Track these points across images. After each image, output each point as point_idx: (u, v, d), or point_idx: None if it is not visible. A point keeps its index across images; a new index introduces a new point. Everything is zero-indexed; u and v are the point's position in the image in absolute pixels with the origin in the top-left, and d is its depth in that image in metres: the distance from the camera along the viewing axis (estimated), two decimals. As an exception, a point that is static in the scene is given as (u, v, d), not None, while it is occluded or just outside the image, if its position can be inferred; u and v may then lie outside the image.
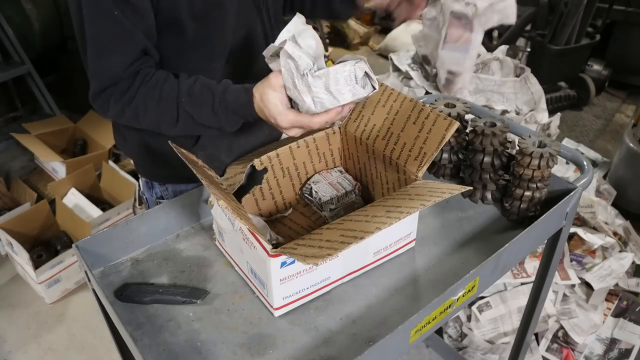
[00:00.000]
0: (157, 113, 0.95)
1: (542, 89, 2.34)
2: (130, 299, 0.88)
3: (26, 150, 2.83)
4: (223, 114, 0.93)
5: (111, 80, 0.94)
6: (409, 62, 2.50)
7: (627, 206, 2.42)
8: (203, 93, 0.93)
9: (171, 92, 0.94)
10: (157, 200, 1.24)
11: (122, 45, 0.92)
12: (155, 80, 0.94)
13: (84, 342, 2.09)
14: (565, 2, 3.08)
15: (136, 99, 0.94)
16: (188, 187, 1.18)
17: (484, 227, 1.04)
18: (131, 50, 0.93)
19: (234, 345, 0.81)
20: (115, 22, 0.90)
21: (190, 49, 1.00)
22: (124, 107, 0.95)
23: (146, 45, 0.94)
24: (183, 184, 1.18)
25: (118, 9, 0.89)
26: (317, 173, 1.09)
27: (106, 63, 0.93)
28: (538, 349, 1.78)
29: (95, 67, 0.94)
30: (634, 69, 3.67)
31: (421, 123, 0.94)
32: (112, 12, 0.89)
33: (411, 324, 0.79)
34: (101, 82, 0.94)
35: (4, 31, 2.88)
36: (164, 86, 0.94)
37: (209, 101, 0.93)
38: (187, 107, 0.94)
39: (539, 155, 0.98)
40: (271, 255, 0.77)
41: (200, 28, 0.97)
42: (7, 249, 2.29)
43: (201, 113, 0.94)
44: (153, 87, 0.94)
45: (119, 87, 0.94)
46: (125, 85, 0.94)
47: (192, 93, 0.93)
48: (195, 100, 0.93)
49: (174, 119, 0.95)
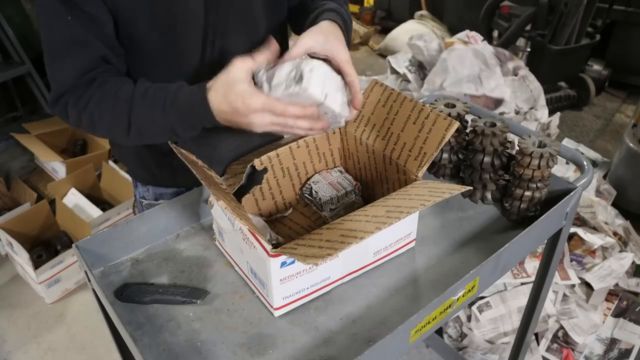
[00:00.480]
0: (110, 119, 0.89)
1: (540, 86, 2.34)
2: (130, 299, 0.88)
3: (26, 150, 2.83)
4: (175, 114, 0.84)
5: (66, 86, 0.89)
6: (406, 65, 2.51)
7: (627, 206, 2.42)
8: (156, 94, 0.86)
9: (125, 96, 0.87)
10: (140, 199, 1.24)
11: (76, 51, 0.88)
12: (112, 84, 0.89)
13: (84, 342, 2.09)
14: (565, 2, 3.08)
15: (90, 104, 0.88)
16: (167, 190, 1.19)
17: (484, 227, 1.04)
18: (85, 56, 0.88)
19: (234, 345, 0.81)
20: (68, 27, 0.86)
21: (155, 64, 0.95)
22: (80, 113, 0.90)
23: (105, 54, 0.90)
24: (162, 187, 1.19)
25: (71, 14, 0.85)
26: (317, 173, 1.09)
27: (60, 69, 0.89)
28: (538, 349, 1.78)
29: (51, 73, 0.91)
30: (634, 69, 3.67)
31: (421, 123, 0.94)
32: (66, 18, 0.85)
33: (411, 324, 0.79)
34: (57, 89, 0.90)
35: (4, 31, 2.88)
36: (119, 91, 0.88)
37: (160, 102, 0.85)
38: (139, 110, 0.86)
39: (539, 155, 0.98)
40: (271, 255, 0.77)
41: (163, 43, 0.92)
42: (7, 249, 2.29)
43: (152, 115, 0.86)
44: (108, 91, 0.88)
45: (75, 93, 0.89)
46: (81, 91, 0.89)
47: (146, 95, 0.86)
48: (147, 101, 0.86)
49: (125, 126, 0.88)
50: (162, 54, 0.94)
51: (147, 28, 0.90)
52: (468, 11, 3.95)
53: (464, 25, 2.57)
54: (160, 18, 0.90)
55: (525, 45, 3.48)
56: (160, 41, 0.92)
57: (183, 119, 0.85)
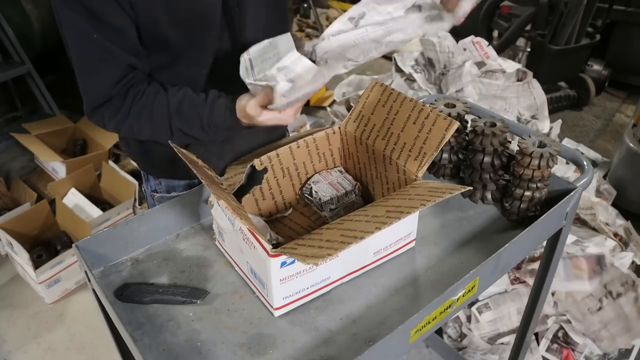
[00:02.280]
0: (152, 130, 1.00)
1: (544, 95, 2.34)
2: (130, 299, 0.88)
3: (26, 150, 2.83)
4: (212, 132, 0.99)
5: (101, 99, 0.97)
6: (412, 64, 2.50)
7: (627, 206, 2.42)
8: (191, 114, 0.97)
9: (162, 110, 0.98)
10: (152, 193, 1.26)
11: (106, 67, 0.94)
12: (146, 98, 0.97)
13: (84, 342, 2.09)
14: (565, 2, 3.08)
15: (129, 118, 0.98)
16: (180, 182, 1.20)
17: (484, 227, 1.04)
18: (115, 69, 0.95)
19: (234, 345, 0.81)
20: (96, 44, 0.92)
21: (178, 59, 1.01)
22: (119, 125, 1.00)
23: (131, 62, 0.96)
24: (176, 179, 1.20)
25: (97, 31, 0.91)
26: (317, 173, 1.09)
27: (93, 83, 0.96)
28: (538, 349, 1.78)
29: (84, 87, 0.97)
30: (634, 69, 3.67)
31: (421, 123, 0.94)
32: (92, 36, 0.91)
33: (411, 324, 0.79)
34: (92, 101, 0.98)
35: (4, 31, 2.88)
36: (154, 105, 0.97)
37: (197, 121, 0.98)
38: (178, 125, 0.98)
39: (539, 155, 0.98)
40: (271, 255, 0.77)
41: (184, 39, 0.98)
42: (7, 249, 2.29)
43: (192, 130, 0.99)
44: (144, 106, 0.97)
45: (111, 105, 0.97)
46: (117, 104, 0.97)
47: (181, 112, 0.97)
48: (184, 119, 0.98)
49: (168, 134, 1.00)
50: (183, 50, 0.99)
51: (167, 28, 0.95)
52: (468, 11, 3.94)
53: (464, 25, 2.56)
54: (178, 17, 0.95)
55: (525, 45, 3.48)
56: (181, 38, 0.97)
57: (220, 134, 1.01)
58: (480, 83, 2.30)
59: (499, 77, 2.36)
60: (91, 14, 0.89)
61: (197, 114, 0.97)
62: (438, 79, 2.42)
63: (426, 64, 2.48)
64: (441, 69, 2.40)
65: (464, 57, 2.40)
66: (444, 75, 2.38)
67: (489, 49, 2.47)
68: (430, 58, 2.42)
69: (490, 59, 2.44)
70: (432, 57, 2.41)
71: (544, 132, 2.29)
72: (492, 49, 2.49)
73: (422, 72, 2.47)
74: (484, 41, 2.49)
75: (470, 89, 2.24)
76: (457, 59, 2.37)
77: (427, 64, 2.46)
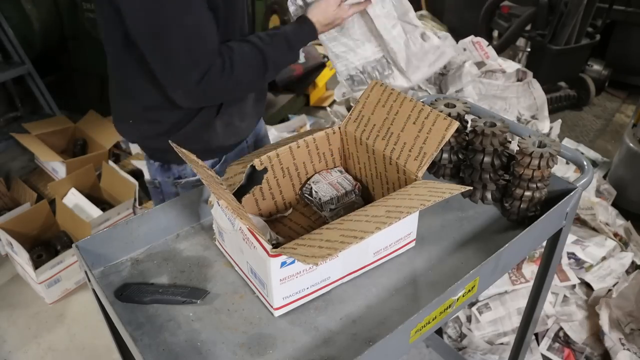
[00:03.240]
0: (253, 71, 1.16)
1: (544, 95, 2.34)
2: (130, 299, 0.88)
3: (26, 150, 2.83)
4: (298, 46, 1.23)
5: (210, 62, 1.08)
6: None
7: (627, 206, 2.42)
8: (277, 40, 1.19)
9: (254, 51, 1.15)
10: (175, 181, 1.28)
11: (212, 27, 1.08)
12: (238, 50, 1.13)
13: (84, 342, 2.09)
14: (565, 2, 3.08)
15: (234, 70, 1.11)
16: (207, 163, 1.27)
17: (484, 227, 1.04)
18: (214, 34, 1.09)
19: (234, 345, 0.81)
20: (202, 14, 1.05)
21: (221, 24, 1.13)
22: (227, 82, 1.11)
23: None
24: (204, 160, 1.25)
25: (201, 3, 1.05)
26: (317, 173, 1.09)
27: (205, 48, 1.07)
28: (538, 349, 1.78)
29: (194, 58, 1.06)
30: (634, 69, 3.67)
31: (421, 123, 0.94)
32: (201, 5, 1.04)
33: (411, 324, 0.79)
34: (201, 69, 1.07)
35: (4, 31, 2.88)
36: (245, 50, 1.14)
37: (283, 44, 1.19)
38: (271, 55, 1.16)
39: (539, 155, 0.98)
40: (271, 255, 0.77)
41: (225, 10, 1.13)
42: (7, 249, 2.30)
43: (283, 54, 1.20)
44: (240, 54, 1.13)
45: (216, 67, 1.08)
46: (220, 63, 1.09)
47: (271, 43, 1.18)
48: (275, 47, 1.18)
49: (263, 71, 1.17)
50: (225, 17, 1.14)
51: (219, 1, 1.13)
52: (468, 11, 3.95)
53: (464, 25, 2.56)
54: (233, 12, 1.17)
55: (525, 45, 3.48)
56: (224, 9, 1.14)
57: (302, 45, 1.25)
58: (480, 83, 2.30)
59: (499, 77, 2.36)
60: None
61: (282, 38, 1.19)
62: (438, 79, 2.42)
63: None
64: (441, 69, 2.39)
65: (463, 57, 2.40)
66: (443, 75, 2.38)
67: (489, 49, 2.47)
68: None
69: (490, 59, 2.44)
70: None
71: (544, 132, 2.29)
72: (492, 49, 2.49)
73: None
74: (484, 41, 2.49)
75: (470, 89, 2.24)
76: (456, 59, 2.37)
77: None
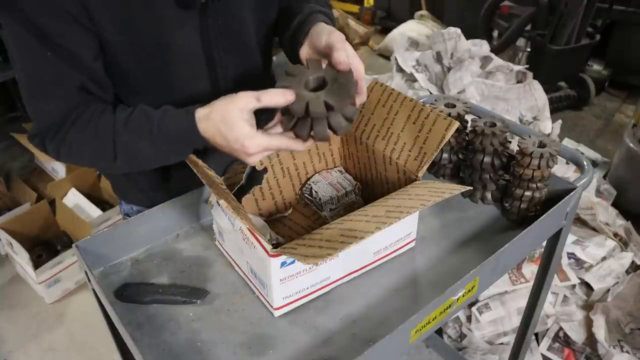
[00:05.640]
0: (94, 149, 0.86)
1: (545, 96, 2.34)
2: (130, 299, 0.88)
3: (26, 150, 2.83)
4: (164, 145, 0.83)
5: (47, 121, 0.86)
6: (413, 64, 2.49)
7: (627, 206, 2.42)
8: (140, 121, 0.83)
9: (107, 125, 0.84)
10: (124, 216, 1.19)
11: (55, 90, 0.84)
12: (90, 113, 0.85)
13: (84, 342, 2.09)
14: (565, 2, 3.09)
15: (69, 135, 0.85)
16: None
17: (484, 227, 1.04)
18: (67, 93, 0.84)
19: (234, 345, 0.81)
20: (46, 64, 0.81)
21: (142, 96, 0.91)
22: (59, 146, 0.86)
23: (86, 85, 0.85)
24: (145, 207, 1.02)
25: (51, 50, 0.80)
26: (317, 173, 1.09)
27: (41, 107, 0.86)
28: (538, 349, 1.78)
29: (32, 110, 0.87)
30: (634, 69, 3.67)
31: (421, 123, 0.94)
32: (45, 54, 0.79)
33: (411, 324, 0.79)
34: (39, 126, 0.87)
35: (4, 31, 2.87)
36: (100, 120, 0.85)
37: (146, 131, 0.82)
38: (125, 138, 0.83)
39: (539, 155, 0.98)
40: (271, 255, 0.77)
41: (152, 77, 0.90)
42: (7, 249, 2.29)
43: (139, 145, 0.84)
44: (88, 121, 0.85)
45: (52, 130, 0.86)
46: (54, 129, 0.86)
47: (129, 122, 0.84)
48: (132, 130, 0.83)
49: (111, 157, 0.85)
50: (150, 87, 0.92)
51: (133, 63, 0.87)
52: (468, 11, 3.95)
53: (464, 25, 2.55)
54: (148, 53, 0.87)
55: (525, 45, 3.48)
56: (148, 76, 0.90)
57: (175, 148, 0.84)
58: (482, 84, 2.30)
59: (500, 78, 2.36)
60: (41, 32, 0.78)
61: (147, 121, 0.82)
62: (439, 80, 2.42)
63: (428, 64, 2.47)
64: (449, 59, 2.38)
65: (469, 45, 2.39)
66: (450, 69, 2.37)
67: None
68: (439, 52, 2.40)
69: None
70: (440, 49, 2.39)
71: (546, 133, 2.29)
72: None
73: (424, 72, 2.47)
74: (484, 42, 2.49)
75: (473, 90, 2.24)
76: (463, 45, 2.36)
77: (435, 59, 2.44)
